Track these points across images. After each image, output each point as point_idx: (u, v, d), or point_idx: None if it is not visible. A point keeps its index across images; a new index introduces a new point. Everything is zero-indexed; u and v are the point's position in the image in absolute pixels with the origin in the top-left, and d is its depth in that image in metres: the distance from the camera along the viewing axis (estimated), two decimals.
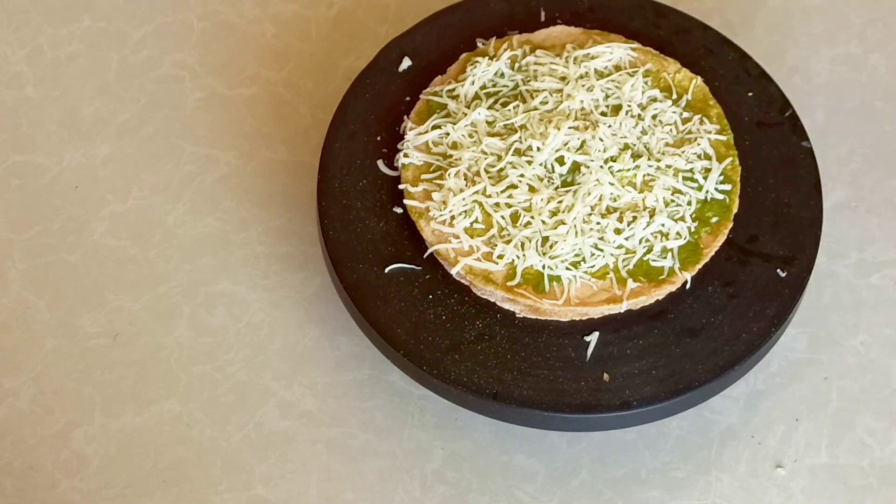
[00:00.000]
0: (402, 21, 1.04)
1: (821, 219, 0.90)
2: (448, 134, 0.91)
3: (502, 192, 0.88)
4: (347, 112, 0.95)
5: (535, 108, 0.91)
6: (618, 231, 0.87)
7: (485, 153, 0.90)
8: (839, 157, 0.99)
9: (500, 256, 0.87)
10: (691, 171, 0.89)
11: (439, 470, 0.88)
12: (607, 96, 0.92)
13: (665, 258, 0.87)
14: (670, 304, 0.88)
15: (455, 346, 0.86)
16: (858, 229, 0.96)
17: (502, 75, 0.94)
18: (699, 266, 0.87)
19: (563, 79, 0.92)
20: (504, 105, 0.92)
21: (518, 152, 0.89)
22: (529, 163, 0.89)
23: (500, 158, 0.89)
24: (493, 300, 0.88)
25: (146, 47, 1.05)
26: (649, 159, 0.89)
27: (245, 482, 0.87)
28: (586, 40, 0.95)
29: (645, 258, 0.87)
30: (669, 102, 0.91)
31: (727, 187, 0.89)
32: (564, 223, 0.87)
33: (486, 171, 0.89)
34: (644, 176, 0.88)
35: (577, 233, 0.87)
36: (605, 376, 0.85)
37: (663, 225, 0.87)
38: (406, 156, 0.92)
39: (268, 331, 0.92)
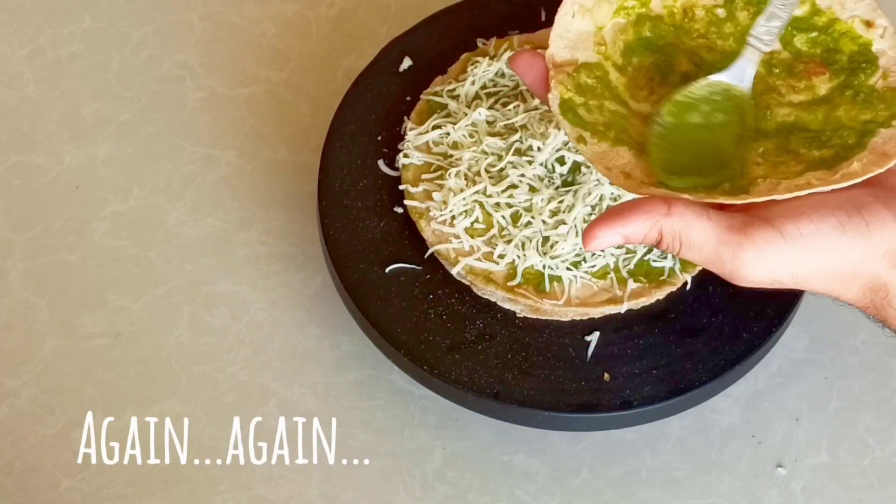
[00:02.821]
0: (403, 21, 1.04)
1: None
2: (448, 134, 0.92)
3: (503, 191, 0.88)
4: (348, 112, 0.95)
5: (536, 108, 0.91)
6: None
7: (485, 153, 0.90)
8: None
9: (501, 256, 0.87)
10: None
11: (440, 470, 0.88)
12: None
13: (665, 258, 0.88)
14: (671, 304, 0.88)
15: (456, 346, 0.86)
16: None
17: (503, 75, 0.94)
18: (700, 266, 0.87)
19: None
20: (504, 105, 0.92)
21: (518, 152, 0.89)
22: (530, 163, 0.89)
23: (500, 158, 0.90)
24: (493, 300, 0.88)
25: (147, 47, 1.05)
26: None
27: (246, 482, 0.87)
28: None
29: (645, 258, 0.87)
30: None
31: None
32: (565, 223, 0.87)
33: (487, 171, 0.89)
34: None
35: (577, 233, 0.87)
36: (606, 376, 0.85)
37: None
38: (406, 156, 0.92)
39: (268, 331, 0.92)
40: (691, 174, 0.70)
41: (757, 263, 0.65)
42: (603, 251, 0.86)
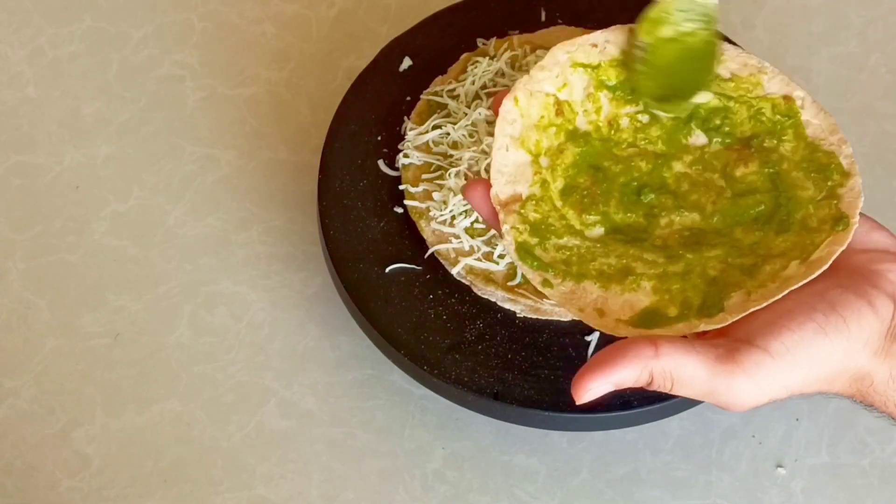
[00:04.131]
0: (403, 21, 1.04)
1: None
2: (448, 134, 0.92)
3: None
4: (348, 112, 0.95)
5: None
6: None
7: (485, 153, 0.90)
8: None
9: (501, 256, 0.87)
10: None
11: (440, 470, 0.88)
12: None
13: None
14: None
15: (456, 346, 0.86)
16: None
17: (503, 75, 0.94)
18: None
19: None
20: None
21: None
22: None
23: None
24: (493, 300, 0.88)
25: (147, 47, 1.05)
26: None
27: (246, 482, 0.87)
28: None
29: None
30: None
31: None
32: None
33: (487, 171, 0.89)
34: None
35: None
36: None
37: None
38: (406, 156, 0.92)
39: (268, 330, 0.92)
40: (677, 97, 0.72)
41: (752, 390, 0.65)
42: None
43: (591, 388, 0.66)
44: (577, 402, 0.66)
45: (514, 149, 0.71)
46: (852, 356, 0.65)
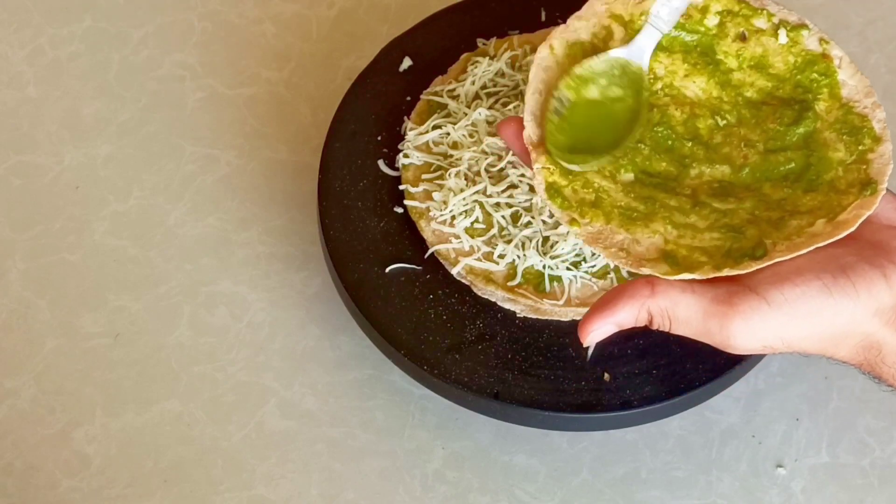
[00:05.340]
0: (403, 21, 1.04)
1: None
2: (448, 134, 0.92)
3: (503, 191, 0.88)
4: (348, 112, 0.95)
5: None
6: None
7: (485, 153, 0.90)
8: None
9: (501, 256, 0.87)
10: None
11: (440, 470, 0.88)
12: None
13: None
14: None
15: (456, 346, 0.86)
16: None
17: (503, 75, 0.94)
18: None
19: None
20: (504, 105, 0.92)
21: None
22: None
23: (500, 158, 0.90)
24: (493, 300, 0.88)
25: (147, 47, 1.05)
26: None
27: (246, 482, 0.87)
28: None
29: None
30: None
31: None
32: None
33: (487, 171, 0.89)
34: None
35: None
36: (606, 376, 0.85)
37: None
38: (406, 156, 0.92)
39: (269, 330, 0.92)
40: (585, 153, 0.71)
41: (744, 333, 0.66)
42: None
43: (594, 329, 0.67)
44: (584, 345, 0.68)
45: (546, 93, 0.71)
46: (860, 321, 0.66)
